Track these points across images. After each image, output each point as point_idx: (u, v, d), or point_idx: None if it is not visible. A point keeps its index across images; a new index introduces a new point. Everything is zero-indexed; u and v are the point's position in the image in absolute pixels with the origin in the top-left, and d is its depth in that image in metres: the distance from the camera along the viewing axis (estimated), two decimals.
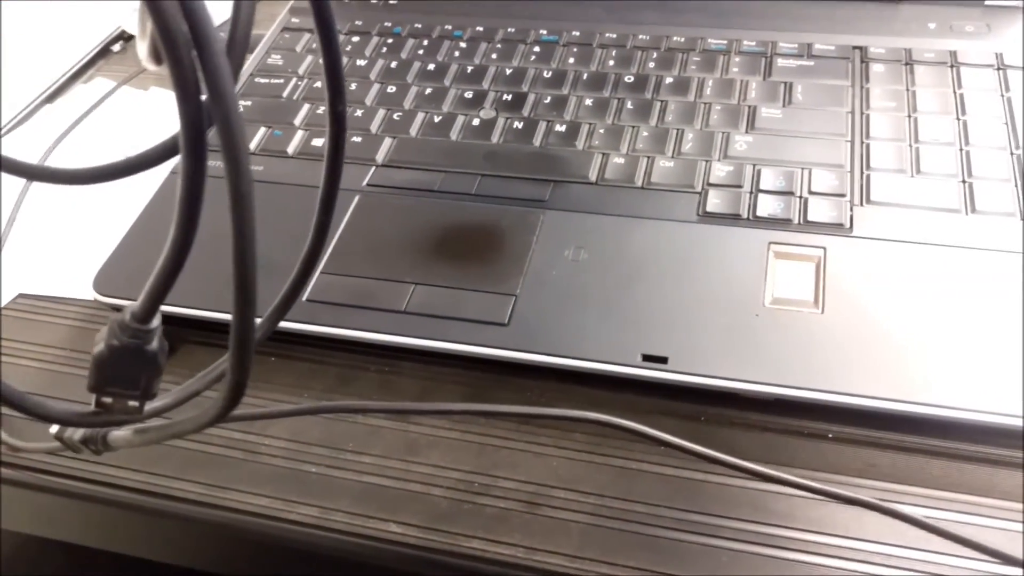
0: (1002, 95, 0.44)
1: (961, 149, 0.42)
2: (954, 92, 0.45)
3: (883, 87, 0.46)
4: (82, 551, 0.53)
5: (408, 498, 0.35)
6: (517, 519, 0.34)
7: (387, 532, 0.34)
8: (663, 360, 0.35)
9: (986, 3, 0.50)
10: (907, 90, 0.45)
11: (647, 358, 0.36)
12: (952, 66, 0.46)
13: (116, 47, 0.63)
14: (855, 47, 0.48)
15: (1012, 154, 0.41)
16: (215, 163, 0.47)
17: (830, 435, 0.35)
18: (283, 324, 0.38)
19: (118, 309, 0.42)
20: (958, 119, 0.43)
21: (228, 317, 0.39)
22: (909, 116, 0.44)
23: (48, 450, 0.37)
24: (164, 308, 0.39)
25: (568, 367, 0.36)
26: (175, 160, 0.46)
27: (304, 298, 0.39)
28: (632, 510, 0.33)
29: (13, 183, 0.49)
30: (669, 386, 0.36)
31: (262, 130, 0.48)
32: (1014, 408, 0.32)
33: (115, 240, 0.43)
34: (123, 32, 0.63)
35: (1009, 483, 0.33)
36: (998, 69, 0.46)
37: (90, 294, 0.41)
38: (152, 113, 0.56)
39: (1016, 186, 0.40)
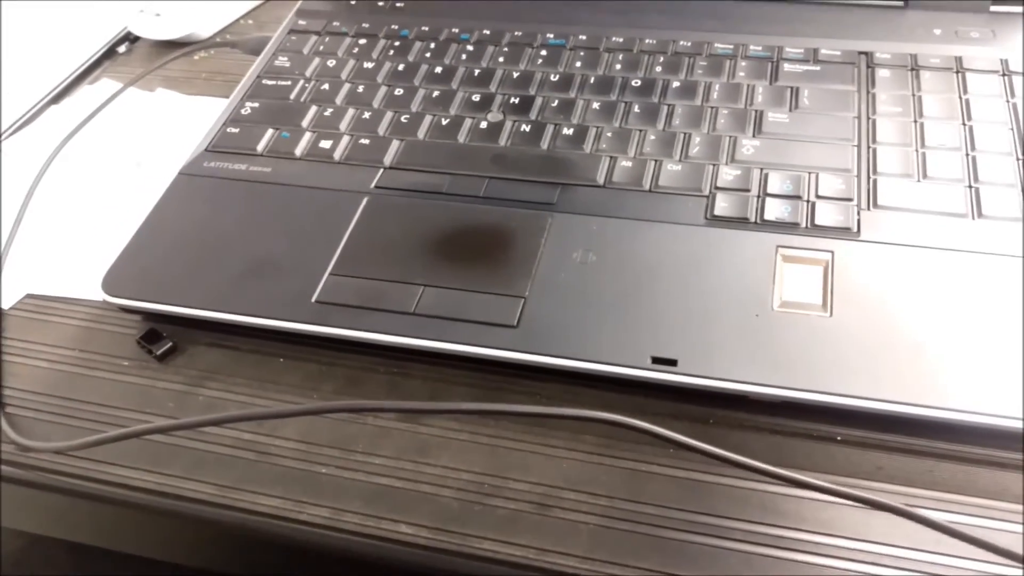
0: (1007, 100, 0.45)
1: (967, 154, 0.42)
2: (960, 97, 0.45)
3: (889, 92, 0.46)
4: (87, 551, 0.53)
5: (419, 499, 0.35)
6: (528, 520, 0.34)
7: (398, 533, 0.34)
8: (672, 362, 0.35)
9: (991, 9, 0.50)
10: (913, 95, 0.46)
11: (656, 360, 0.36)
12: (958, 72, 0.47)
13: (122, 48, 0.63)
14: (861, 52, 0.49)
15: (1017, 159, 0.42)
16: (222, 164, 0.47)
17: (839, 438, 0.35)
18: (292, 325, 0.39)
19: (127, 310, 0.42)
20: (964, 124, 0.44)
21: (235, 318, 0.39)
22: (915, 121, 0.44)
23: (56, 449, 0.37)
24: (170, 309, 0.40)
25: (577, 369, 0.36)
26: (184, 160, 0.47)
27: (313, 299, 0.39)
28: (642, 512, 0.34)
29: (19, 182, 0.49)
30: (678, 388, 0.36)
31: (269, 132, 0.48)
32: (1022, 411, 0.33)
33: (123, 241, 0.43)
34: (129, 33, 0.63)
35: (1018, 486, 0.33)
36: (1003, 75, 0.46)
37: (99, 295, 0.41)
38: (158, 115, 0.56)
39: (1021, 191, 0.40)
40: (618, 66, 0.49)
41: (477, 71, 0.50)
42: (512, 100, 0.48)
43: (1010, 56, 0.47)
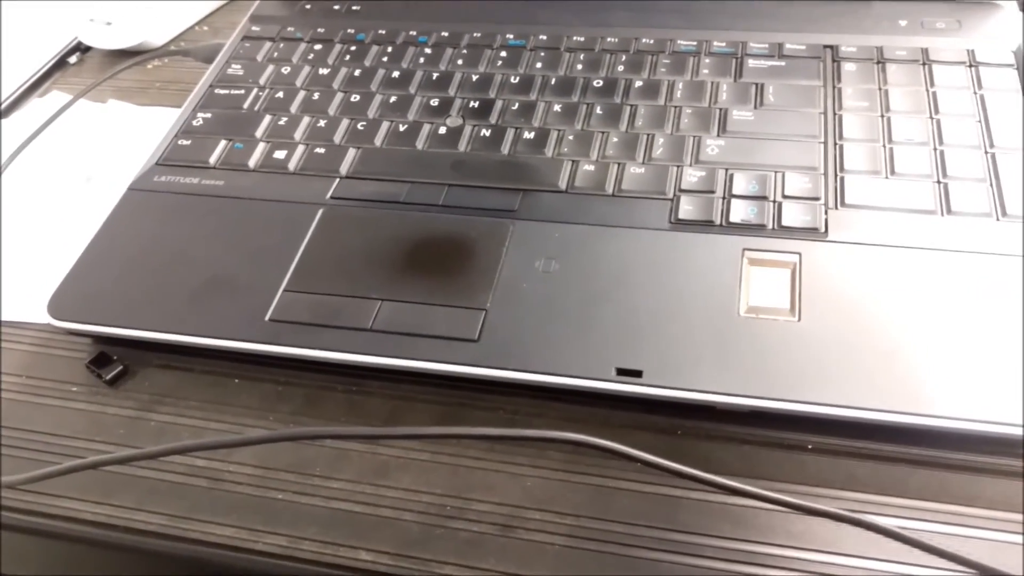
0: (974, 92, 0.44)
1: (935, 149, 0.41)
2: (927, 90, 0.44)
3: (855, 86, 0.45)
4: None
5: (379, 524, 0.33)
6: (492, 543, 0.33)
7: (357, 560, 0.32)
8: (637, 374, 0.34)
9: None
10: (879, 89, 0.45)
11: (621, 372, 0.35)
12: (924, 64, 0.46)
13: (73, 58, 0.62)
14: (826, 46, 0.48)
15: (986, 153, 0.41)
16: (174, 178, 0.46)
17: (809, 446, 0.34)
18: (245, 345, 0.38)
19: (75, 333, 0.41)
20: (931, 118, 0.43)
21: (187, 339, 0.38)
22: (882, 116, 0.43)
23: (4, 484, 0.35)
24: (120, 331, 0.39)
25: (541, 383, 0.35)
26: (133, 176, 0.45)
27: (267, 317, 0.38)
28: (609, 530, 0.33)
29: None
30: (644, 400, 0.35)
31: (222, 143, 0.47)
32: (996, 415, 0.32)
33: (70, 261, 0.42)
34: (80, 43, 0.62)
35: (992, 491, 0.32)
36: (970, 66, 0.45)
37: (44, 318, 0.40)
38: (110, 127, 0.54)
39: (991, 186, 0.39)
40: (579, 66, 0.48)
41: (435, 75, 0.49)
42: (472, 104, 0.47)
43: (976, 46, 0.46)
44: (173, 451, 0.34)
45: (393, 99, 0.48)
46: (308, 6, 0.56)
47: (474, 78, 0.48)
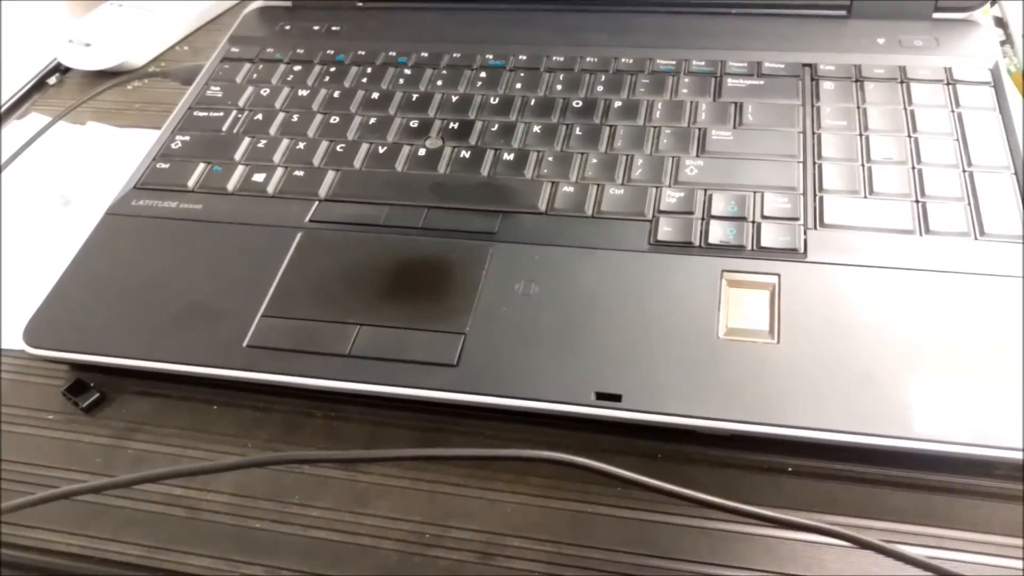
0: (952, 111, 0.44)
1: (913, 168, 0.41)
2: (904, 109, 0.44)
3: (834, 105, 0.45)
4: None
5: (358, 553, 0.33)
6: (471, 570, 0.32)
7: None
8: (617, 398, 0.34)
9: (934, 16, 0.49)
10: (858, 108, 0.45)
11: (601, 396, 0.34)
12: (902, 82, 0.46)
13: (52, 80, 0.61)
14: (805, 64, 0.48)
15: (963, 172, 0.41)
16: (151, 202, 0.45)
17: (790, 469, 0.34)
18: (222, 372, 0.37)
19: (52, 360, 0.40)
20: (909, 137, 0.43)
21: (164, 366, 0.38)
22: (860, 135, 0.43)
23: None
24: (97, 359, 0.38)
25: (521, 408, 0.35)
26: (111, 200, 0.45)
27: (245, 344, 0.38)
28: (590, 556, 0.32)
29: None
30: (624, 424, 0.34)
31: (201, 166, 0.46)
32: (976, 437, 0.32)
33: (46, 287, 0.41)
34: (59, 64, 0.61)
35: (973, 513, 0.32)
36: (947, 84, 0.45)
37: (20, 345, 0.39)
38: (89, 149, 0.54)
39: (968, 205, 0.39)
40: (559, 87, 0.48)
41: (415, 96, 0.49)
42: (451, 125, 0.47)
43: (954, 64, 0.46)
44: (144, 479, 0.33)
45: (372, 121, 0.48)
46: (288, 27, 0.55)
47: (454, 99, 0.48)
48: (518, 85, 0.49)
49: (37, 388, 0.40)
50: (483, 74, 0.50)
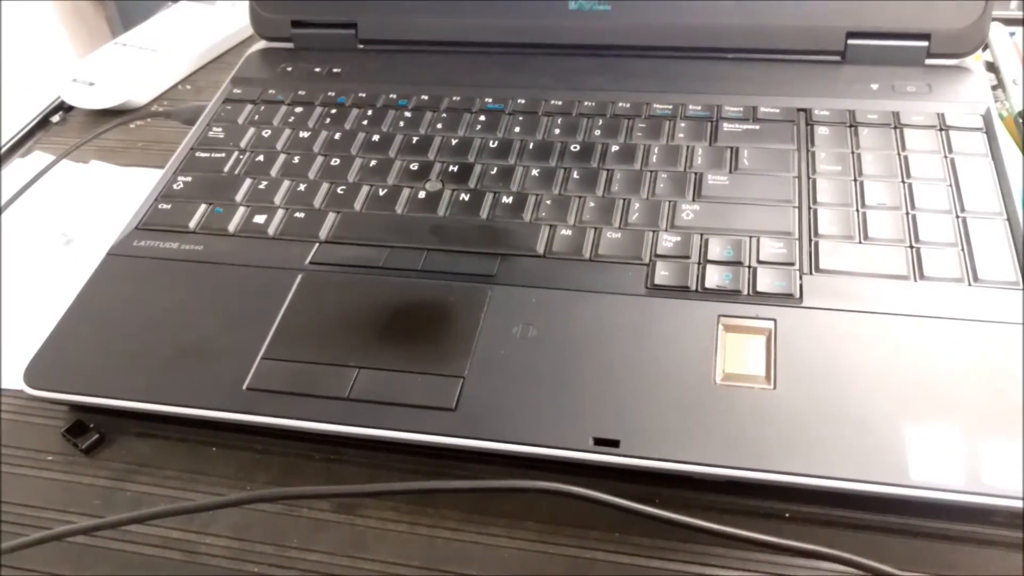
0: (945, 156, 0.45)
1: (907, 213, 0.42)
2: (898, 154, 0.45)
3: (828, 150, 0.46)
4: None
5: None
6: None
7: None
8: (615, 443, 0.34)
9: (927, 62, 0.50)
10: (852, 153, 0.45)
11: (599, 441, 0.35)
12: (895, 127, 0.47)
13: (56, 118, 0.62)
14: (800, 109, 0.48)
15: (957, 217, 0.41)
16: (153, 243, 0.46)
17: (787, 515, 0.34)
18: (222, 415, 0.37)
19: (51, 402, 0.40)
20: (903, 182, 0.43)
21: (164, 408, 0.38)
22: (855, 180, 0.44)
23: None
24: (100, 400, 0.39)
25: (519, 453, 0.35)
26: (113, 241, 0.45)
27: (244, 386, 0.38)
28: None
29: None
30: (622, 469, 0.35)
31: (202, 207, 0.47)
32: (974, 485, 0.32)
33: (47, 328, 0.41)
34: (63, 103, 0.62)
35: (970, 561, 0.32)
36: (940, 130, 0.46)
37: (20, 385, 0.40)
38: (92, 188, 0.54)
39: (962, 251, 0.40)
40: (557, 130, 0.49)
41: (415, 138, 0.49)
42: (451, 168, 0.47)
43: (946, 110, 0.47)
44: (137, 519, 0.34)
45: (373, 163, 0.48)
46: (289, 68, 0.56)
47: (453, 142, 0.49)
48: (517, 128, 0.49)
49: (37, 429, 0.40)
50: (482, 117, 0.50)
